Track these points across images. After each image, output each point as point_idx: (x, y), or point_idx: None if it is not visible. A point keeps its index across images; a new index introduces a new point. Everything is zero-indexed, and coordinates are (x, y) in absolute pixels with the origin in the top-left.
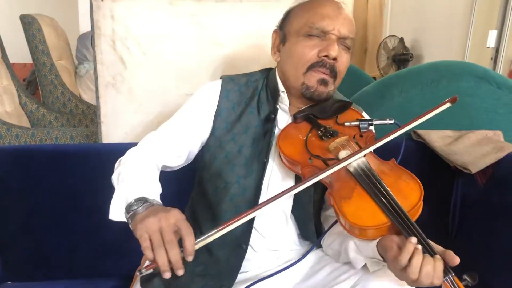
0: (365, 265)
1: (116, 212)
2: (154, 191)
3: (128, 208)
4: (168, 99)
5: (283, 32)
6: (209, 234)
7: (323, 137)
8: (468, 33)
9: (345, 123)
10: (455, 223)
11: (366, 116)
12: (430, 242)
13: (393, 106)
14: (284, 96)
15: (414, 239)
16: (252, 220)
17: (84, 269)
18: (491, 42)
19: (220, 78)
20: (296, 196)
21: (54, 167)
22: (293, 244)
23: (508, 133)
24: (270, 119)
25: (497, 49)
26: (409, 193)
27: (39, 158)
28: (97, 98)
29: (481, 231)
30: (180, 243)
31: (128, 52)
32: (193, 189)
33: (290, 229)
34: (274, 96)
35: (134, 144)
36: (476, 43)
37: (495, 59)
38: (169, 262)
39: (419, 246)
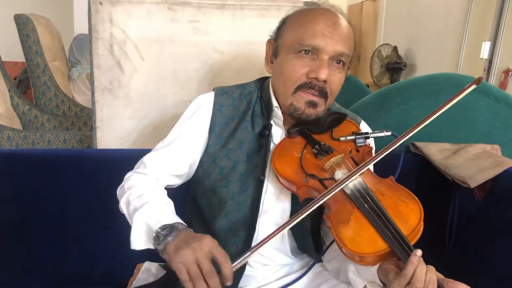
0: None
1: (139, 242)
2: (171, 212)
3: (157, 239)
4: (166, 105)
5: (277, 44)
6: (243, 257)
7: (318, 155)
8: (462, 44)
9: (341, 138)
10: (452, 237)
11: (364, 126)
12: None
13: (392, 118)
14: (278, 111)
15: (419, 252)
16: (250, 241)
17: (76, 277)
18: (485, 53)
19: (213, 90)
20: (291, 213)
21: (47, 172)
22: (289, 259)
23: (505, 147)
24: (264, 135)
25: (490, 60)
26: (408, 216)
27: (32, 162)
28: (93, 103)
29: (478, 245)
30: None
31: (125, 57)
32: (186, 205)
33: (286, 246)
34: (268, 110)
35: (130, 151)
36: (470, 54)
37: (488, 70)
38: None
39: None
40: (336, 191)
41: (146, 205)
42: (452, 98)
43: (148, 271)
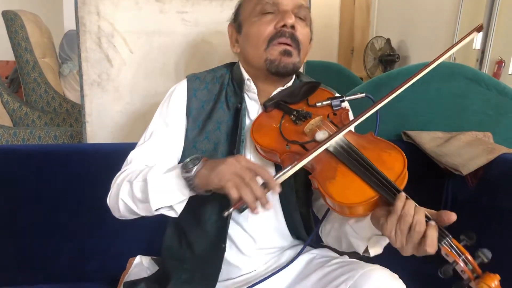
0: (360, 267)
1: (161, 197)
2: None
3: (185, 167)
4: (155, 98)
5: (238, 23)
6: (286, 169)
7: (297, 121)
8: (454, 34)
9: (317, 104)
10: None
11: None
12: (424, 209)
13: (384, 107)
14: (250, 84)
15: (403, 194)
16: (226, 218)
17: (67, 273)
18: (477, 43)
19: (186, 77)
20: None
21: (37, 167)
22: (284, 242)
23: (497, 135)
24: (238, 109)
25: (483, 51)
26: (392, 164)
27: (21, 158)
28: (82, 97)
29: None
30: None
31: (114, 50)
32: None
33: (280, 225)
34: (240, 87)
35: (120, 145)
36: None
37: (481, 61)
38: (255, 198)
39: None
40: (321, 150)
41: (155, 168)
42: (452, 46)
43: (140, 265)
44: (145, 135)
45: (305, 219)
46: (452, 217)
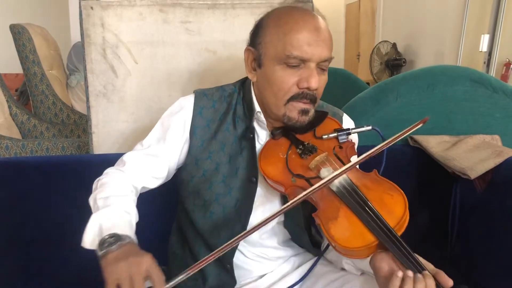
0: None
1: (88, 242)
2: (127, 223)
3: (102, 244)
4: (161, 108)
5: (258, 52)
6: (179, 278)
7: (303, 155)
8: (461, 37)
9: (323, 136)
10: (454, 229)
11: (347, 119)
12: (421, 259)
13: (390, 112)
14: (260, 116)
15: (400, 273)
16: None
17: (76, 282)
18: (484, 46)
19: (193, 92)
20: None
21: (45, 179)
22: (282, 252)
23: (505, 138)
24: (248, 137)
25: (489, 53)
26: (393, 207)
27: (29, 170)
28: (88, 108)
29: (480, 237)
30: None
31: (119, 61)
32: (178, 203)
33: (273, 241)
34: (250, 113)
35: None
36: (469, 47)
37: (488, 63)
38: None
39: (410, 274)
40: (319, 189)
41: (107, 209)
42: (402, 133)
43: None
44: (143, 142)
45: (312, 237)
46: (448, 282)
